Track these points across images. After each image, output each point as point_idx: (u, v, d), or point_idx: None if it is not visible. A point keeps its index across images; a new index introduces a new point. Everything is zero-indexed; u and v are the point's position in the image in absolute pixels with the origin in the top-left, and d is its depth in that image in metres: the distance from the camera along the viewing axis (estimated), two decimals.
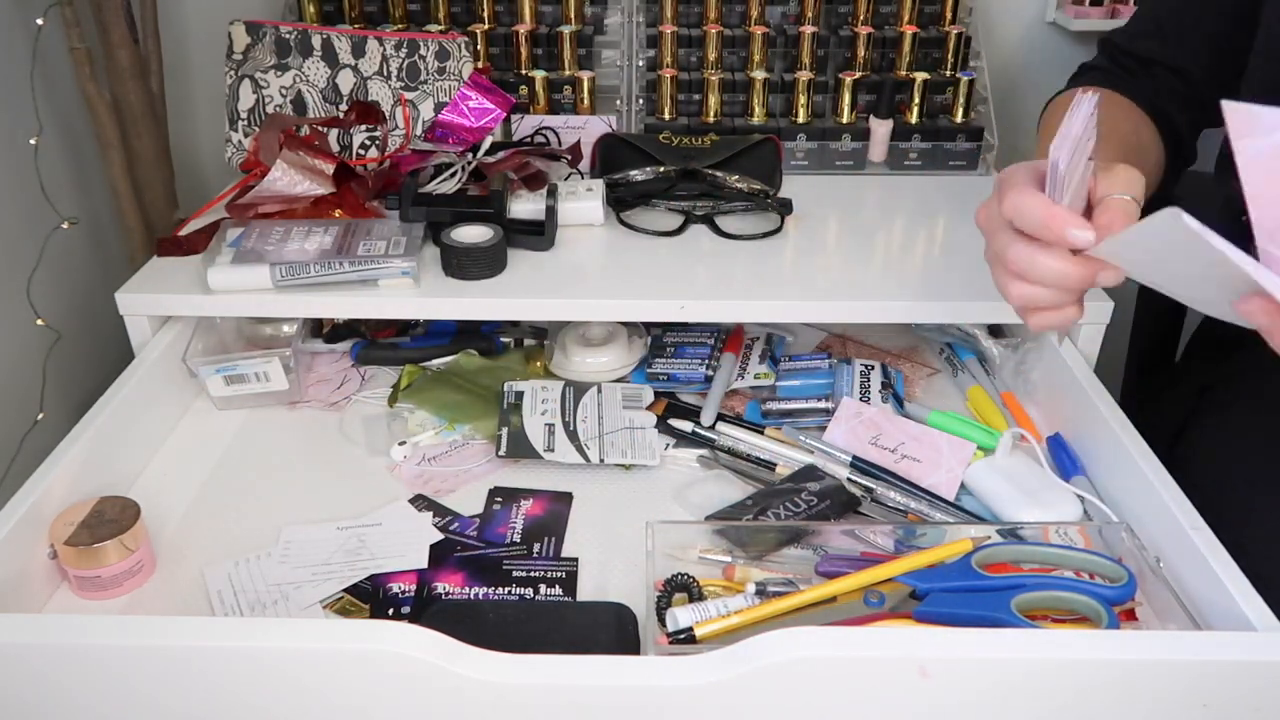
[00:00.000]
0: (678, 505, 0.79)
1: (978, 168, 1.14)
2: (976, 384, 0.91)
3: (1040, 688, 0.55)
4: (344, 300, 0.86)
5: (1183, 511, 0.67)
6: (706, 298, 0.86)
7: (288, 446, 0.85)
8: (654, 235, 0.97)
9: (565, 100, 1.15)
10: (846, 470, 0.79)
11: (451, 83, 1.06)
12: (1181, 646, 0.55)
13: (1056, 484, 0.77)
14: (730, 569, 0.68)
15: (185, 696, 0.57)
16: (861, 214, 1.04)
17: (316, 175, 0.95)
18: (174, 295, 0.86)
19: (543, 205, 0.94)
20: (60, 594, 0.69)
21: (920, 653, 0.54)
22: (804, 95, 1.13)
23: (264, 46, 1.07)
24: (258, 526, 0.76)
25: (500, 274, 0.89)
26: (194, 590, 0.70)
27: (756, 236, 0.97)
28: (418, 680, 0.55)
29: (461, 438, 0.86)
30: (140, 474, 0.81)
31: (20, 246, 1.15)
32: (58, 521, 0.69)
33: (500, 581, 0.71)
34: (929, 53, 1.17)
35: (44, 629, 0.56)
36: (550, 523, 0.77)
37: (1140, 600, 0.65)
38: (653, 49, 1.18)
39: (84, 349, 1.26)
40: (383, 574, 0.71)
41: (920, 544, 0.71)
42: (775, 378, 0.92)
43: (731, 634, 0.61)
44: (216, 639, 0.55)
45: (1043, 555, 0.67)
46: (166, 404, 0.87)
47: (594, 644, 0.63)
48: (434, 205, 0.94)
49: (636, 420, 0.85)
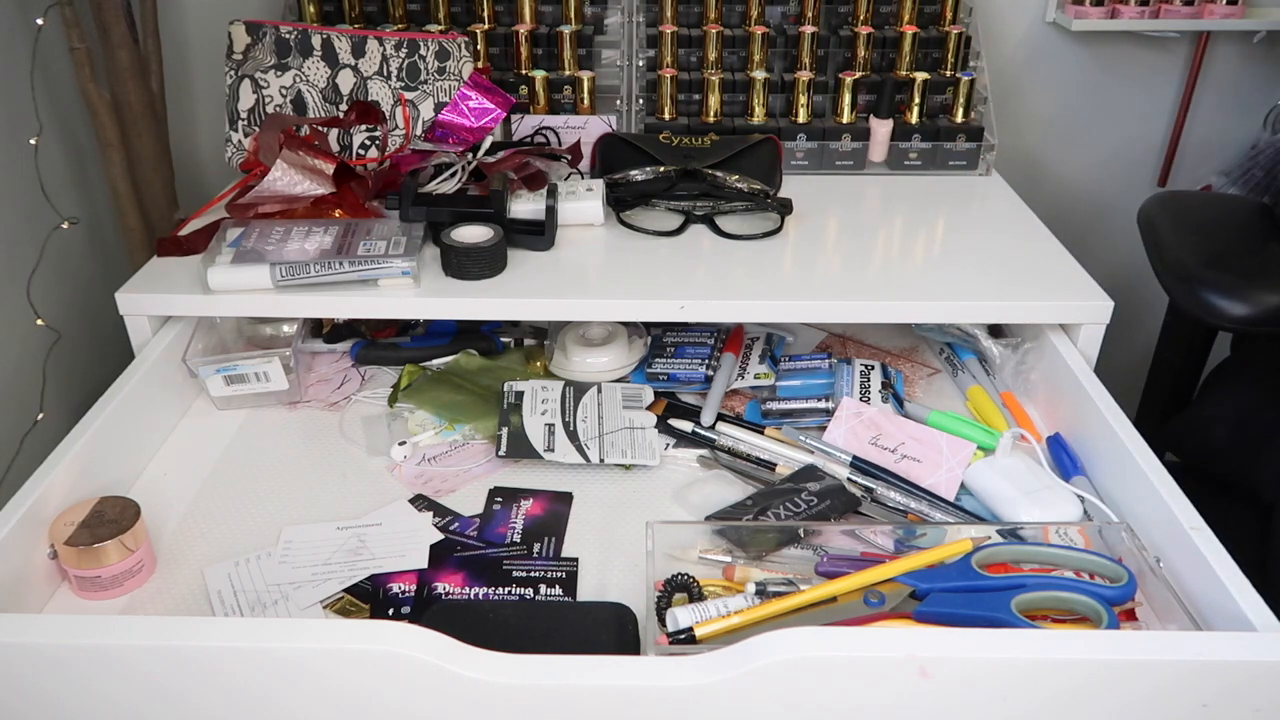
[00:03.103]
0: (678, 505, 0.79)
1: (978, 168, 1.14)
2: (976, 384, 0.91)
3: (1040, 688, 0.55)
4: (344, 300, 0.86)
5: (1183, 511, 0.67)
6: (706, 298, 0.86)
7: (288, 446, 0.85)
8: (654, 235, 0.97)
9: (565, 100, 1.15)
10: (846, 470, 0.79)
11: (451, 83, 1.06)
12: (1181, 646, 0.55)
13: (1056, 484, 0.77)
14: (730, 569, 0.68)
15: (185, 696, 0.57)
16: (861, 214, 1.04)
17: (316, 175, 0.95)
18: (174, 295, 0.86)
19: (543, 205, 0.94)
20: (60, 594, 0.70)
21: (920, 653, 0.54)
22: (804, 95, 1.13)
23: (264, 46, 1.07)
24: (258, 526, 0.76)
25: (500, 274, 0.89)
26: (194, 590, 0.70)
27: (756, 236, 0.97)
28: (418, 680, 0.55)
29: (461, 438, 0.86)
30: (140, 474, 0.81)
31: (20, 246, 1.15)
32: (58, 521, 0.69)
33: (500, 581, 0.71)
34: (929, 53, 1.17)
35: (44, 629, 0.56)
36: (550, 523, 0.77)
37: (1140, 600, 0.65)
38: (653, 49, 1.18)
39: (84, 349, 1.26)
40: (383, 574, 0.71)
41: (920, 544, 0.71)
42: (775, 378, 0.92)
43: (731, 634, 0.61)
44: (217, 639, 0.55)
45: (1043, 555, 0.67)
46: (166, 404, 0.87)
47: (594, 644, 0.63)
48: (434, 205, 0.94)
49: (636, 420, 0.85)
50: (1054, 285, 0.88)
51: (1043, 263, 0.92)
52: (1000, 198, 1.08)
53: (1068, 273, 0.90)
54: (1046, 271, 0.91)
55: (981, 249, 0.95)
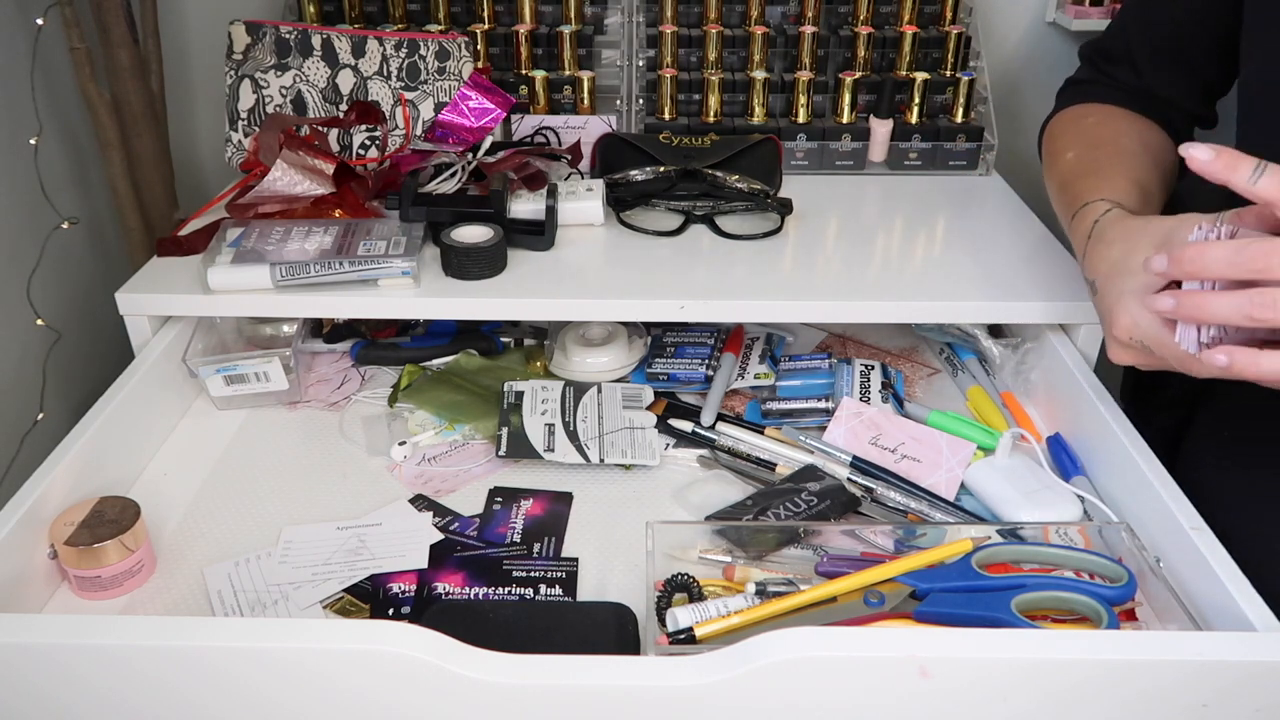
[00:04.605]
0: (678, 505, 0.79)
1: (978, 168, 1.14)
2: (976, 384, 0.91)
3: (1040, 688, 0.55)
4: (344, 300, 0.86)
5: (1183, 511, 0.67)
6: (706, 298, 0.86)
7: (288, 446, 0.85)
8: (654, 235, 0.97)
9: (565, 100, 1.15)
10: (846, 470, 0.79)
11: (451, 83, 1.06)
12: (1181, 646, 0.55)
13: (1056, 484, 0.77)
14: (730, 569, 0.68)
15: (185, 697, 0.57)
16: (861, 214, 1.04)
17: (316, 175, 0.95)
18: (174, 295, 0.86)
19: (543, 205, 0.94)
20: (60, 594, 0.70)
21: (920, 653, 0.54)
22: (804, 95, 1.13)
23: (264, 46, 1.07)
24: (258, 526, 0.76)
25: (500, 274, 0.89)
26: (194, 590, 0.70)
27: (756, 236, 0.97)
28: (418, 680, 0.55)
29: (461, 438, 0.86)
30: (140, 474, 0.81)
31: (20, 246, 1.15)
32: (58, 521, 0.69)
33: (500, 581, 0.71)
34: (929, 53, 1.17)
35: (44, 629, 0.56)
36: (550, 523, 0.77)
37: (1140, 600, 0.65)
38: (653, 49, 1.18)
39: (84, 349, 1.26)
40: (383, 574, 0.71)
41: (920, 544, 0.71)
42: (775, 378, 0.92)
43: (731, 634, 0.61)
44: (217, 639, 0.55)
45: (1043, 555, 0.67)
46: (166, 404, 0.87)
47: (594, 644, 0.63)
48: (434, 205, 0.94)
49: (636, 420, 0.85)
50: (1054, 285, 0.88)
51: (1043, 263, 0.92)
52: (1000, 198, 1.08)
53: (1068, 273, 0.90)
54: (1046, 271, 0.91)
55: (981, 249, 0.95)
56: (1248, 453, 0.80)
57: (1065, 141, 0.88)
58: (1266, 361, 0.56)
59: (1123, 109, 0.89)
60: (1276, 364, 0.56)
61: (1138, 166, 0.80)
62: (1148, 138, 0.85)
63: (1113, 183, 0.77)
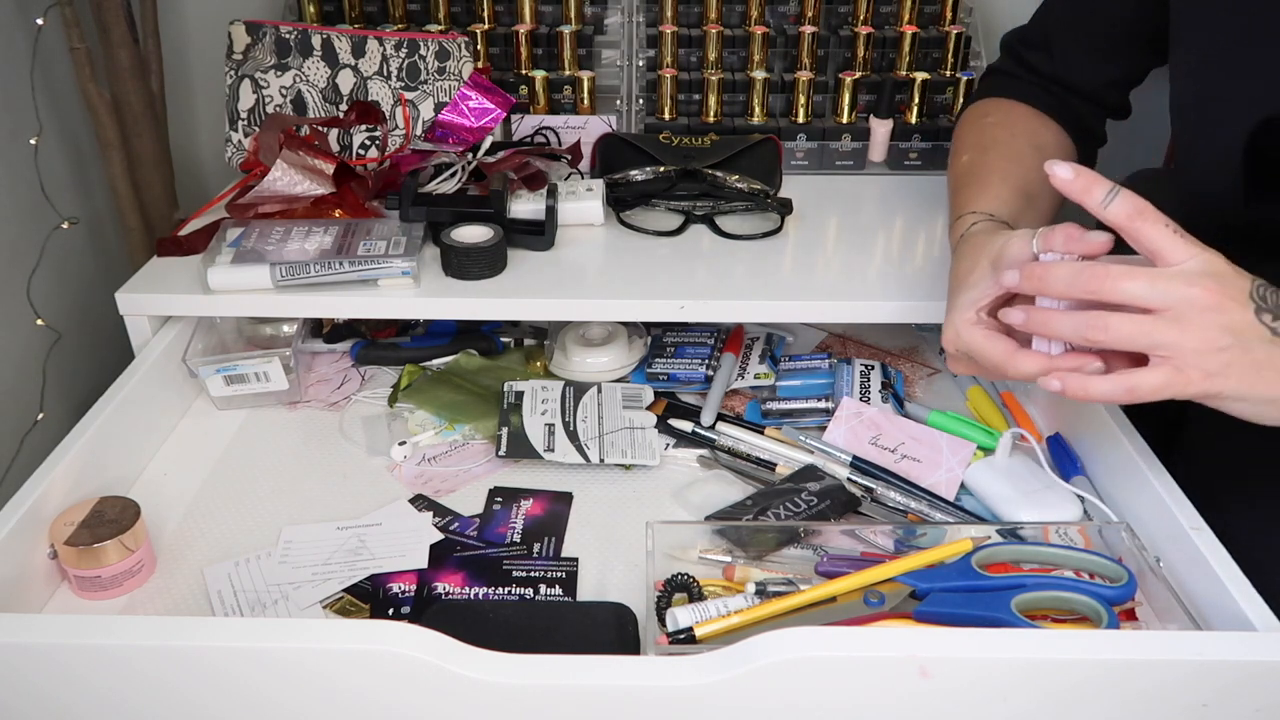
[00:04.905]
0: (678, 505, 0.79)
1: None
2: (976, 384, 0.91)
3: (1040, 688, 0.55)
4: (344, 300, 0.86)
5: (1183, 512, 0.67)
6: (706, 298, 0.86)
7: (288, 446, 0.85)
8: (654, 235, 0.97)
9: (565, 100, 1.15)
10: (846, 470, 0.79)
11: (451, 83, 1.06)
12: (1181, 646, 0.55)
13: (1056, 484, 0.77)
14: (730, 569, 0.68)
15: (185, 697, 0.57)
16: (861, 214, 1.04)
17: (316, 175, 0.95)
18: (174, 295, 0.86)
19: (543, 205, 0.94)
20: (60, 594, 0.70)
21: (920, 653, 0.54)
22: (804, 95, 1.13)
23: (264, 46, 1.07)
24: (258, 526, 0.76)
25: (500, 274, 0.89)
26: (194, 590, 0.70)
27: (756, 236, 0.97)
28: (418, 680, 0.55)
29: (461, 438, 0.86)
30: (140, 474, 0.81)
31: (20, 246, 1.15)
32: (58, 521, 0.69)
33: (500, 581, 0.71)
34: (929, 53, 1.17)
35: (44, 629, 0.56)
36: (550, 523, 0.77)
37: (1140, 600, 0.65)
38: (653, 49, 1.18)
39: (84, 349, 1.26)
40: (383, 574, 0.71)
41: (920, 544, 0.71)
42: (775, 378, 0.92)
43: (731, 634, 0.61)
44: (217, 639, 0.55)
45: (1043, 555, 0.67)
46: (166, 404, 0.87)
47: (594, 644, 0.63)
48: (434, 205, 0.94)
49: (636, 420, 0.85)
50: None
51: None
52: None
53: None
54: None
55: None
56: (1248, 453, 0.80)
57: (963, 143, 0.90)
58: (1095, 386, 0.58)
59: (1025, 105, 0.90)
60: (1106, 387, 0.58)
61: (1024, 171, 0.81)
62: (1042, 138, 0.87)
63: (992, 191, 0.79)
